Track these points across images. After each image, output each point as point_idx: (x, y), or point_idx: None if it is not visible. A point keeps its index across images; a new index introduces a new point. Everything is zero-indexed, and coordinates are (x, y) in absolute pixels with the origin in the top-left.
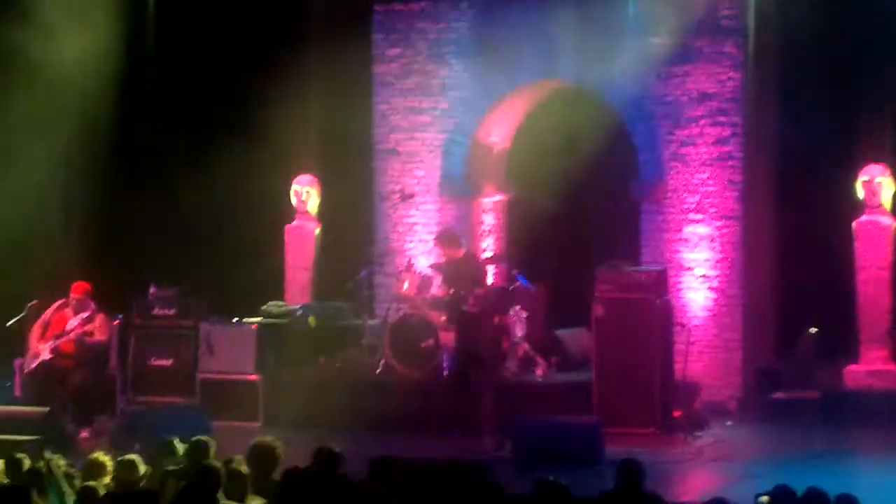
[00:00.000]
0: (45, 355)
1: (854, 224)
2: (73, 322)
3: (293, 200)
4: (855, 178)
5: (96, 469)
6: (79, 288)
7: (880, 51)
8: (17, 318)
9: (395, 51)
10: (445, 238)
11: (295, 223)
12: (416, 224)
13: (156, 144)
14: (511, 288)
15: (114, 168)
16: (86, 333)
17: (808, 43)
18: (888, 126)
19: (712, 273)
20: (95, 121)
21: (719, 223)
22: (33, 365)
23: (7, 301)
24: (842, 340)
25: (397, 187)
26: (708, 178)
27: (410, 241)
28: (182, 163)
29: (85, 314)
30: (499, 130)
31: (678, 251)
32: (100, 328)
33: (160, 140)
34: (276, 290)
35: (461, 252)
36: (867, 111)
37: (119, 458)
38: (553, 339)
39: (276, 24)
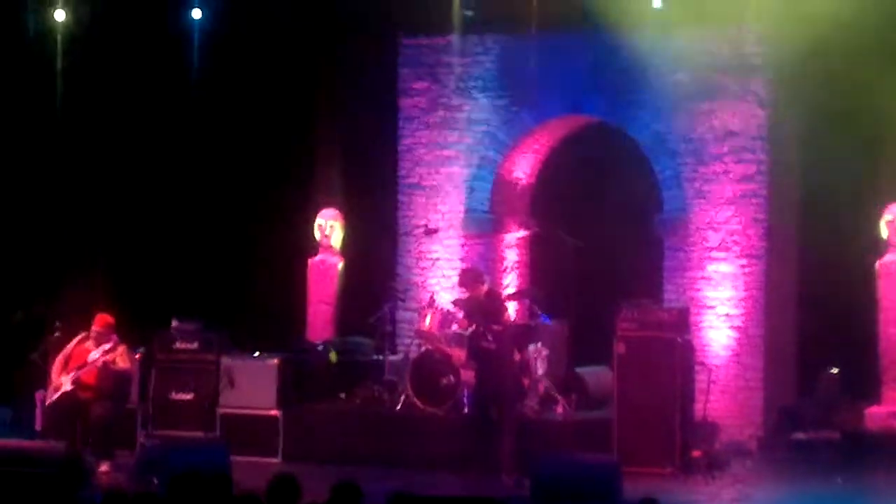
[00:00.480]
0: (67, 386)
1: (877, 264)
2: (94, 354)
3: (317, 234)
4: (879, 216)
5: None
6: (101, 320)
7: None
8: (41, 349)
9: (421, 84)
10: (469, 276)
11: (318, 257)
12: (438, 259)
13: (181, 178)
14: (533, 325)
15: (136, 201)
16: (109, 363)
17: (832, 81)
18: None
19: (735, 312)
20: (121, 154)
21: (743, 261)
22: (55, 397)
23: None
24: (863, 381)
25: (421, 222)
26: (732, 215)
27: (433, 277)
28: (205, 196)
29: (107, 346)
30: (523, 166)
31: (700, 289)
32: (122, 357)
33: (185, 173)
34: (299, 324)
35: (484, 289)
36: (892, 150)
37: None
38: (574, 377)
39: (302, 57)
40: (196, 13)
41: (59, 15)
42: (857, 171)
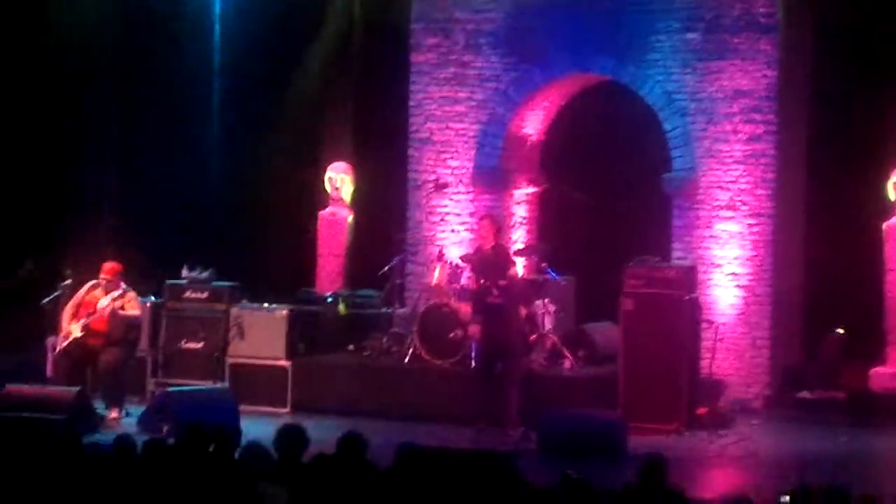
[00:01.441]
0: (77, 333)
1: (884, 226)
2: (104, 301)
3: (327, 187)
4: (887, 179)
5: None
6: (110, 268)
7: None
8: (51, 297)
9: (432, 40)
10: (485, 222)
11: (328, 210)
12: (448, 214)
13: (197, 129)
14: (541, 280)
15: (153, 156)
16: (118, 308)
17: (842, 42)
18: None
19: (742, 271)
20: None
21: (751, 221)
22: (65, 344)
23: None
24: (868, 342)
25: (431, 177)
26: (740, 175)
27: (442, 231)
28: (218, 148)
29: (116, 293)
30: (533, 122)
31: (708, 248)
32: (131, 304)
33: (201, 124)
34: (309, 275)
35: (493, 242)
36: None
37: None
38: (581, 333)
39: (313, 13)
40: None
41: None
42: (866, 133)
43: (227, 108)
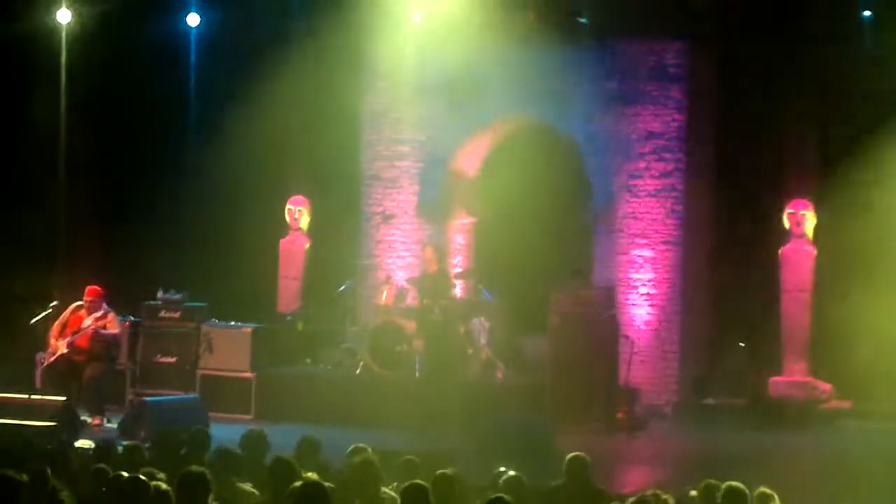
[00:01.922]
0: (63, 349)
1: (780, 251)
2: (87, 321)
3: (287, 218)
4: (782, 210)
5: None
6: (92, 291)
7: (799, 97)
8: (41, 316)
9: (382, 85)
10: (429, 250)
11: (288, 238)
12: (395, 242)
13: (169, 166)
14: (476, 300)
15: (130, 188)
16: (100, 328)
17: (745, 87)
18: (811, 165)
19: (654, 291)
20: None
21: (662, 247)
22: (51, 359)
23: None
24: (767, 354)
25: (379, 209)
26: (653, 206)
27: (390, 258)
28: (190, 183)
29: (98, 313)
30: (470, 160)
31: (625, 271)
32: (111, 323)
33: (173, 161)
34: (271, 297)
35: (436, 266)
36: (793, 152)
37: None
38: (513, 347)
39: (275, 60)
40: (191, 20)
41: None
42: (764, 170)
43: (199, 150)
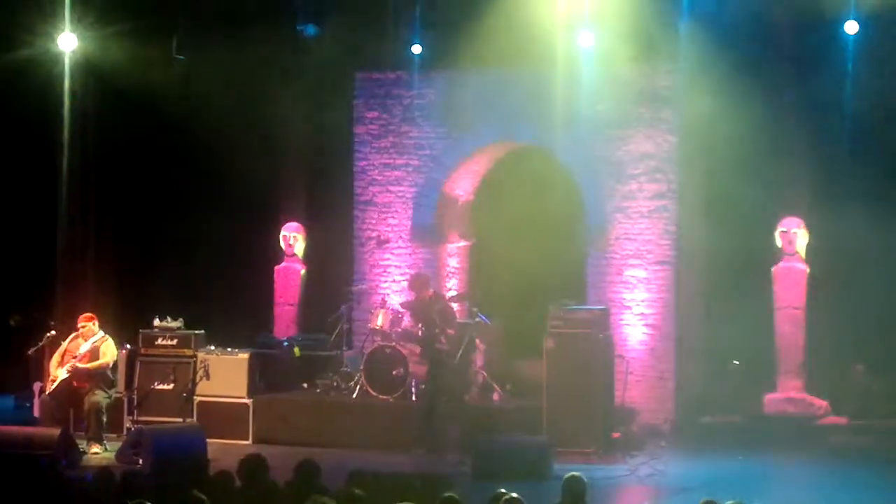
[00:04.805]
0: (63, 375)
1: (773, 269)
2: (85, 346)
3: (282, 245)
4: (774, 228)
5: None
6: (85, 318)
7: (795, 118)
8: (37, 346)
9: (372, 114)
10: (417, 281)
11: (283, 264)
12: (389, 266)
13: (166, 198)
14: (472, 323)
15: (128, 217)
16: (98, 348)
17: (733, 110)
18: (803, 184)
19: (649, 311)
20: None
21: (656, 268)
22: (52, 387)
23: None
24: (762, 372)
25: (374, 234)
26: (646, 227)
27: (384, 282)
28: (186, 213)
29: (96, 337)
30: (463, 185)
31: (619, 292)
32: (108, 347)
33: (170, 194)
34: (267, 323)
35: (430, 293)
36: (785, 170)
37: None
38: (509, 369)
39: (268, 92)
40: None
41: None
42: (755, 189)
43: (196, 180)
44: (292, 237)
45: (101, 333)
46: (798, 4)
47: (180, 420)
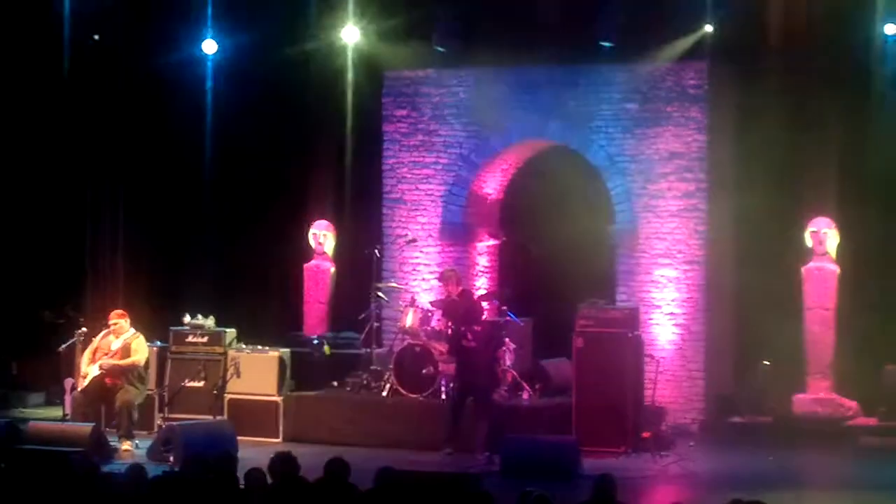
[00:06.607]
0: (95, 371)
1: (803, 269)
2: (116, 343)
3: (312, 243)
4: (804, 228)
5: None
6: (116, 314)
7: (823, 114)
8: (68, 343)
9: (401, 112)
10: (447, 275)
11: (313, 263)
12: (419, 265)
13: (198, 198)
14: (501, 322)
15: (157, 218)
16: (129, 345)
17: (765, 104)
18: (833, 183)
19: (678, 311)
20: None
21: (686, 267)
22: (84, 384)
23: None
24: (791, 372)
25: (403, 232)
26: (675, 227)
27: (414, 280)
28: (218, 210)
29: (127, 334)
30: (493, 183)
31: (649, 291)
32: (139, 345)
33: (201, 193)
34: (297, 321)
35: (460, 289)
36: (815, 169)
37: None
38: (538, 368)
39: (301, 90)
40: (209, 47)
41: None
42: (785, 188)
43: (226, 179)
44: (322, 235)
45: (133, 330)
46: (832, 5)
47: (211, 417)
